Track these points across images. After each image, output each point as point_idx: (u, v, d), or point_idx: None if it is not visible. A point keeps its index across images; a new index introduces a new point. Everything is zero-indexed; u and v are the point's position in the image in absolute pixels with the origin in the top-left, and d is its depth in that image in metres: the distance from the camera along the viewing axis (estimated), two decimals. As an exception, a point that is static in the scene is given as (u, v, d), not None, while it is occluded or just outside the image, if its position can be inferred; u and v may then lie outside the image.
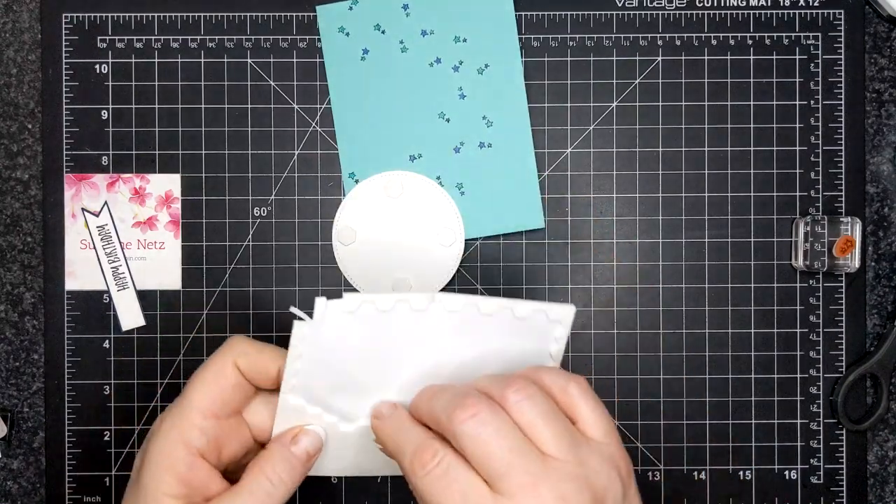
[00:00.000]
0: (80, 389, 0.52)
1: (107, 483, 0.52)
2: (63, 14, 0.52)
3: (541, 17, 0.53)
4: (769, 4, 0.53)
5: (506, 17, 0.52)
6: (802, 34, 0.53)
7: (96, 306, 0.52)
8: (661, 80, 0.53)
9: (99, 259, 0.52)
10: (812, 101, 0.53)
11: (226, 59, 0.53)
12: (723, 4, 0.53)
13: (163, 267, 0.52)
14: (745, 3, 0.53)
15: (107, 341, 0.52)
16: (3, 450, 0.52)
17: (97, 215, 0.52)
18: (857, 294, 0.53)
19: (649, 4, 0.53)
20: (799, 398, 0.53)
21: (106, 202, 0.52)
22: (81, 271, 0.52)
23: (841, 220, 0.52)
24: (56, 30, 0.52)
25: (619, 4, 0.53)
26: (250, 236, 0.53)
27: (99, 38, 0.52)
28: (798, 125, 0.53)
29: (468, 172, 0.52)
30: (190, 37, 0.52)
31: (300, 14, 0.53)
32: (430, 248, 0.52)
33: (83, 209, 0.52)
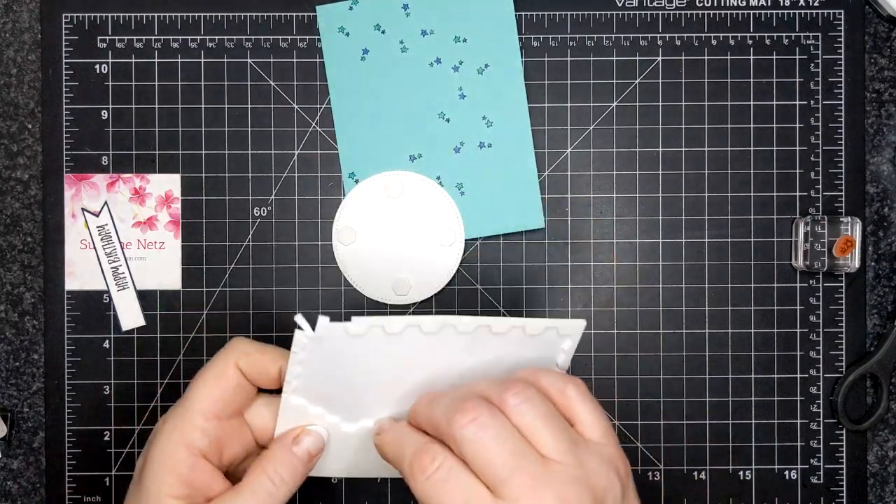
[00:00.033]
0: (80, 389, 0.52)
1: (107, 483, 0.52)
2: (63, 14, 0.52)
3: (541, 17, 0.53)
4: (769, 4, 0.53)
5: (506, 17, 0.52)
6: (802, 34, 0.53)
7: (96, 306, 0.52)
8: (661, 80, 0.53)
9: (99, 259, 0.52)
10: (812, 101, 0.53)
11: (226, 59, 0.52)
12: (723, 4, 0.53)
13: (163, 267, 0.52)
14: (745, 3, 0.53)
15: (107, 341, 0.52)
16: (3, 450, 0.52)
17: (97, 215, 0.52)
18: (857, 294, 0.53)
19: (649, 4, 0.53)
20: (799, 398, 0.53)
21: (106, 202, 0.52)
22: (81, 271, 0.52)
23: (841, 220, 0.52)
24: (56, 30, 0.52)
25: (619, 4, 0.53)
26: (250, 236, 0.53)
27: (99, 38, 0.52)
28: (798, 125, 0.53)
29: (468, 172, 0.52)
30: (190, 37, 0.52)
31: (300, 14, 0.53)
32: (430, 248, 0.52)
33: (83, 209, 0.52)
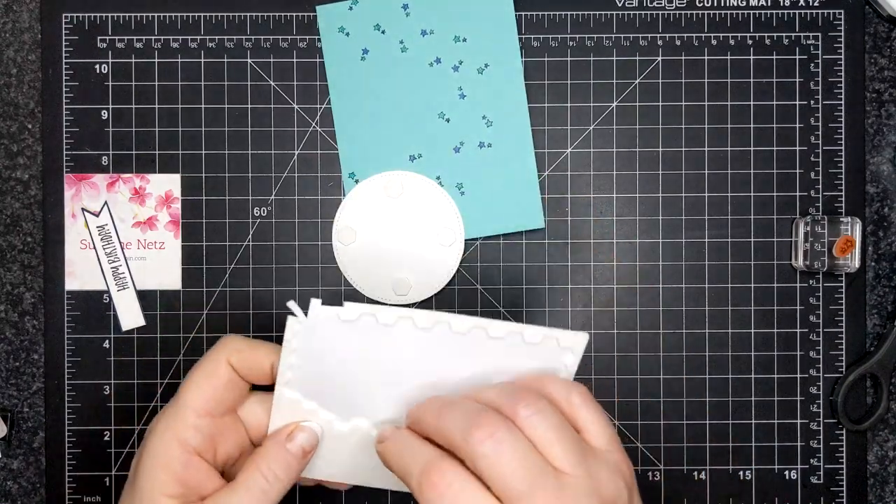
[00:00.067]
0: (80, 389, 0.52)
1: (107, 483, 0.52)
2: (63, 14, 0.52)
3: (541, 17, 0.53)
4: (769, 4, 0.53)
5: (506, 17, 0.52)
6: (802, 34, 0.53)
7: (96, 306, 0.52)
8: (661, 80, 0.53)
9: (99, 259, 0.52)
10: (812, 101, 0.53)
11: (226, 59, 0.53)
12: (723, 4, 0.53)
13: (163, 267, 0.52)
14: (745, 3, 0.53)
15: (107, 341, 0.52)
16: (3, 450, 0.52)
17: (97, 215, 0.52)
18: (857, 294, 0.53)
19: (649, 4, 0.53)
20: (799, 398, 0.53)
21: (106, 202, 0.52)
22: (81, 271, 0.52)
23: (841, 220, 0.51)
24: (56, 30, 0.52)
25: (619, 4, 0.53)
26: (250, 236, 0.53)
27: (99, 38, 0.52)
28: (798, 125, 0.53)
29: (468, 172, 0.52)
30: (190, 37, 0.52)
31: (300, 14, 0.53)
32: (430, 248, 0.52)
33: (83, 209, 0.52)
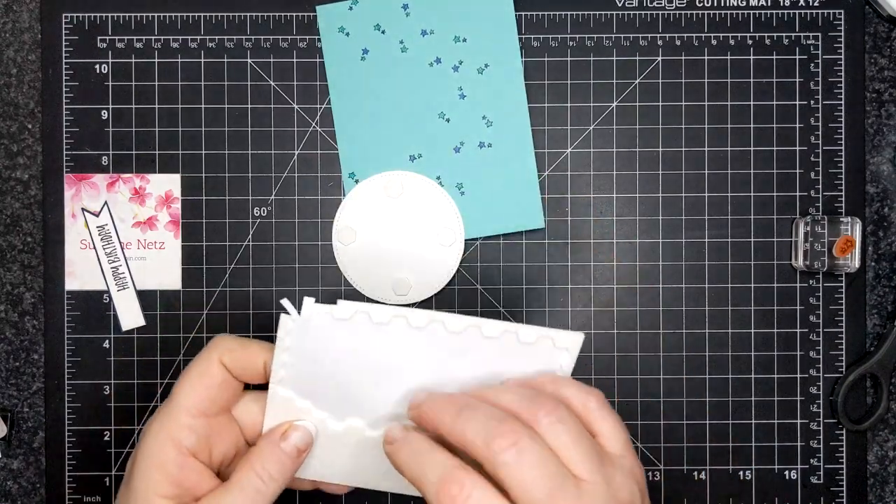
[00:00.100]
0: (80, 389, 0.52)
1: (107, 483, 0.52)
2: (63, 14, 0.52)
3: (541, 17, 0.53)
4: (769, 4, 0.53)
5: (506, 17, 0.52)
6: (802, 34, 0.53)
7: (96, 306, 0.52)
8: (661, 80, 0.53)
9: (99, 259, 0.52)
10: (812, 101, 0.53)
11: (226, 59, 0.53)
12: (723, 4, 0.53)
13: (163, 267, 0.52)
14: (745, 3, 0.53)
15: (107, 341, 0.52)
16: (3, 450, 0.52)
17: (97, 215, 0.52)
18: (857, 294, 0.53)
19: (649, 4, 0.53)
20: (799, 398, 0.53)
21: (106, 202, 0.52)
22: (81, 271, 0.52)
23: (841, 220, 0.51)
24: (56, 30, 0.52)
25: (619, 4, 0.53)
26: (250, 236, 0.53)
27: (99, 38, 0.52)
28: (798, 125, 0.53)
29: (468, 172, 0.52)
30: (190, 37, 0.52)
31: (300, 14, 0.53)
32: (430, 248, 0.52)
33: (83, 209, 0.52)
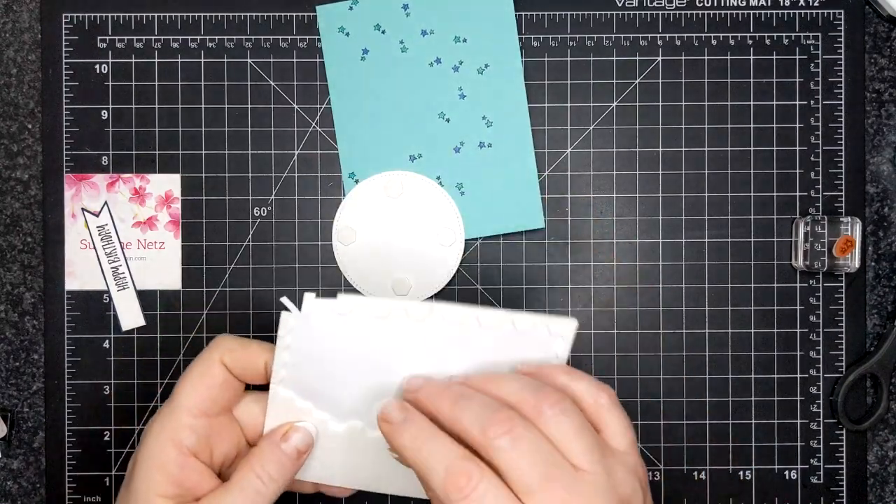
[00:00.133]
0: (80, 389, 0.52)
1: (107, 483, 0.52)
2: (63, 14, 0.52)
3: (541, 17, 0.53)
4: (769, 4, 0.53)
5: (506, 17, 0.52)
6: (802, 34, 0.53)
7: (96, 306, 0.52)
8: (661, 80, 0.53)
9: (99, 259, 0.52)
10: (812, 101, 0.53)
11: (226, 59, 0.53)
12: (723, 4, 0.53)
13: (163, 267, 0.52)
14: (745, 3, 0.53)
15: (107, 341, 0.52)
16: (3, 450, 0.52)
17: (97, 215, 0.52)
18: (857, 294, 0.53)
19: (649, 4, 0.53)
20: (799, 398, 0.53)
21: (106, 202, 0.52)
22: (81, 271, 0.52)
23: (841, 220, 0.51)
24: (56, 30, 0.52)
25: (619, 4, 0.53)
26: (250, 236, 0.53)
27: (99, 38, 0.52)
28: (798, 125, 0.53)
29: (468, 172, 0.52)
30: (190, 37, 0.52)
31: (300, 14, 0.53)
32: (430, 248, 0.52)
33: (83, 209, 0.52)
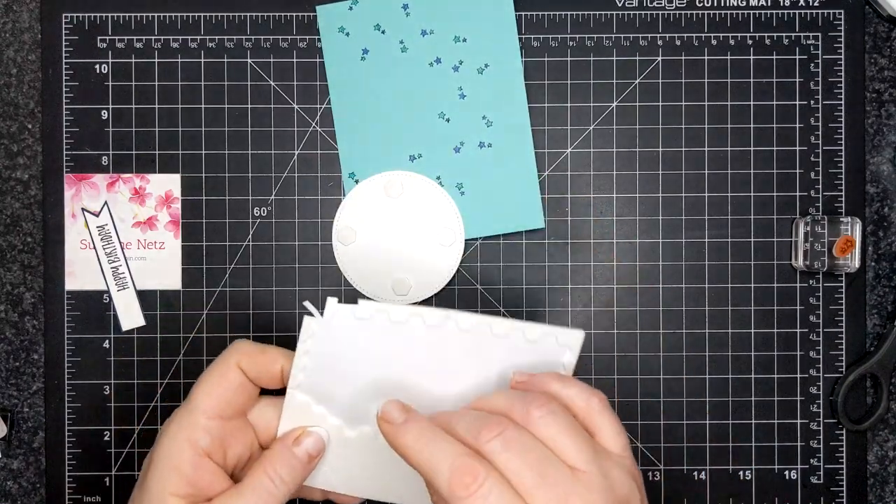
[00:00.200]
0: (80, 389, 0.52)
1: (107, 483, 0.52)
2: (63, 14, 0.52)
3: (541, 17, 0.53)
4: (769, 4, 0.53)
5: (506, 17, 0.52)
6: (802, 34, 0.53)
7: (96, 306, 0.52)
8: (661, 80, 0.53)
9: (99, 259, 0.52)
10: (812, 101, 0.53)
11: (226, 59, 0.52)
12: (723, 4, 0.53)
13: (163, 267, 0.52)
14: (745, 3, 0.53)
15: (107, 341, 0.52)
16: (3, 450, 0.52)
17: (97, 215, 0.52)
18: (857, 294, 0.53)
19: (649, 4, 0.53)
20: (799, 398, 0.53)
21: (106, 202, 0.52)
22: (81, 271, 0.52)
23: (841, 220, 0.51)
24: (56, 30, 0.52)
25: (619, 4, 0.53)
26: (250, 236, 0.53)
27: (99, 38, 0.52)
28: (798, 125, 0.53)
29: (468, 172, 0.52)
30: (190, 37, 0.52)
31: (300, 14, 0.53)
32: (430, 248, 0.52)
33: (83, 209, 0.52)
